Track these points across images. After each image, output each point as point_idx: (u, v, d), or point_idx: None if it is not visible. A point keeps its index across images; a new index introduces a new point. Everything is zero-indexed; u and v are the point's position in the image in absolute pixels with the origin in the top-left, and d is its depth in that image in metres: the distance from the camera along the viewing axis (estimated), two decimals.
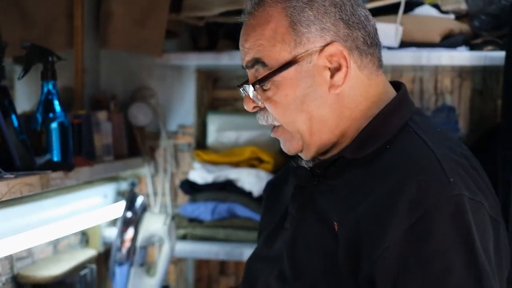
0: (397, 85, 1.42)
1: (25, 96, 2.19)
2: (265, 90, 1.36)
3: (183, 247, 2.39)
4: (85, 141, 2.09)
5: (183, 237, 2.43)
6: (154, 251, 2.56)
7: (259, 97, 1.38)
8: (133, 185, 2.52)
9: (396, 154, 1.29)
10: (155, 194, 2.60)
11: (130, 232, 2.27)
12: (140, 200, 2.33)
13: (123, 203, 2.34)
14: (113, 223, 2.47)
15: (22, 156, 1.68)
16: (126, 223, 2.28)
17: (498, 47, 2.11)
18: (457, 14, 2.22)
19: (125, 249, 2.26)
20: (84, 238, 2.41)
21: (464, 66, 2.21)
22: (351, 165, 1.34)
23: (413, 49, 2.14)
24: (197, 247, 2.38)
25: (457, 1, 2.20)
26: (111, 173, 2.38)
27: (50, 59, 1.82)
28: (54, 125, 1.81)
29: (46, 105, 1.82)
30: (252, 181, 2.37)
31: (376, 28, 1.40)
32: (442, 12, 2.22)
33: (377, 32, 1.40)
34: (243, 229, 2.39)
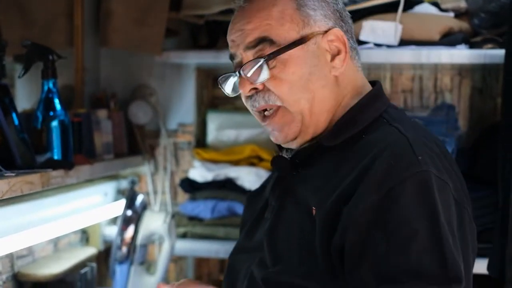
0: (373, 83, 1.50)
1: (25, 94, 2.19)
2: (270, 68, 1.39)
3: (183, 246, 2.39)
4: (85, 139, 2.09)
5: (183, 236, 2.43)
6: (154, 250, 2.56)
7: (262, 76, 1.38)
8: (133, 183, 2.52)
9: (370, 140, 1.35)
10: (155, 192, 2.60)
11: (130, 230, 2.28)
12: (140, 198, 2.33)
13: (123, 202, 2.35)
14: (113, 221, 2.47)
15: (22, 154, 1.69)
16: (126, 222, 2.28)
17: (497, 45, 2.11)
18: (456, 12, 2.22)
19: (125, 248, 2.26)
20: (84, 236, 2.41)
21: (463, 64, 2.21)
22: (328, 153, 1.40)
23: (413, 47, 2.14)
24: (197, 246, 2.38)
25: None
26: (111, 172, 2.39)
27: (50, 57, 1.82)
28: (54, 124, 1.81)
29: (46, 103, 1.82)
30: (252, 179, 2.37)
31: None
32: (441, 10, 2.22)
33: None
34: None
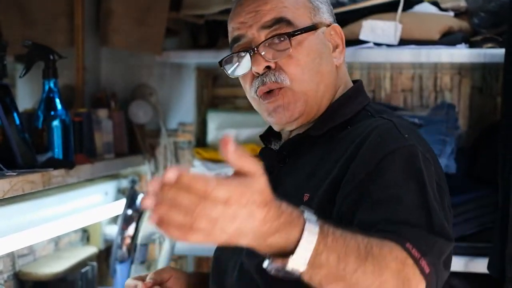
0: (354, 82, 1.56)
1: (26, 94, 2.20)
2: (285, 49, 1.42)
3: (183, 245, 2.38)
4: (86, 139, 2.09)
5: None
6: (154, 249, 2.56)
7: (282, 52, 1.41)
8: (133, 182, 2.52)
9: (357, 128, 1.39)
10: None
11: (130, 229, 2.28)
12: (140, 197, 2.33)
13: (123, 201, 2.35)
14: (114, 220, 2.47)
15: (24, 154, 1.69)
16: (126, 221, 2.29)
17: (497, 44, 2.11)
18: (456, 11, 2.22)
19: (125, 247, 2.26)
20: (85, 235, 2.42)
21: (463, 63, 2.21)
22: (316, 143, 1.43)
23: (413, 46, 2.14)
24: (197, 245, 2.38)
25: None
26: (111, 171, 2.39)
27: (51, 57, 1.82)
28: (55, 123, 1.82)
29: (47, 103, 1.83)
30: None
31: None
32: (441, 9, 2.22)
33: None
34: None
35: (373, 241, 1.08)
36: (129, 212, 2.29)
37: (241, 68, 1.47)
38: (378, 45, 2.15)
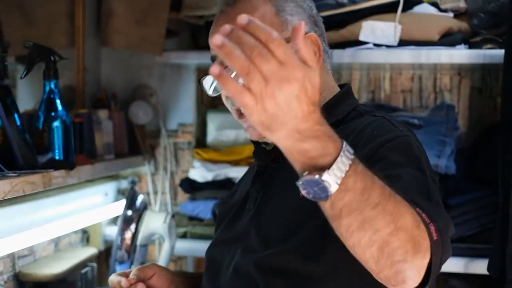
0: (341, 86, 1.55)
1: (27, 95, 2.20)
2: None
3: (183, 245, 2.39)
4: (87, 139, 2.09)
5: (183, 236, 2.43)
6: (154, 250, 2.57)
7: None
8: (133, 183, 2.52)
9: (348, 127, 1.41)
10: (155, 192, 2.61)
11: (130, 230, 2.28)
12: (140, 198, 2.34)
13: (123, 202, 2.35)
14: (114, 221, 2.47)
15: (24, 154, 1.69)
16: (126, 222, 2.29)
17: (497, 45, 2.12)
18: (456, 12, 2.22)
19: (125, 248, 2.27)
20: (85, 236, 2.42)
21: (463, 64, 2.22)
22: None
23: (412, 47, 2.15)
24: (197, 245, 2.38)
25: None
26: (111, 172, 2.39)
27: (52, 58, 1.82)
28: (56, 124, 1.82)
29: (48, 104, 1.82)
30: None
31: None
32: (441, 10, 2.22)
33: None
34: None
35: (395, 192, 1.08)
36: (129, 213, 2.29)
37: (215, 90, 1.50)
38: (377, 45, 2.16)
